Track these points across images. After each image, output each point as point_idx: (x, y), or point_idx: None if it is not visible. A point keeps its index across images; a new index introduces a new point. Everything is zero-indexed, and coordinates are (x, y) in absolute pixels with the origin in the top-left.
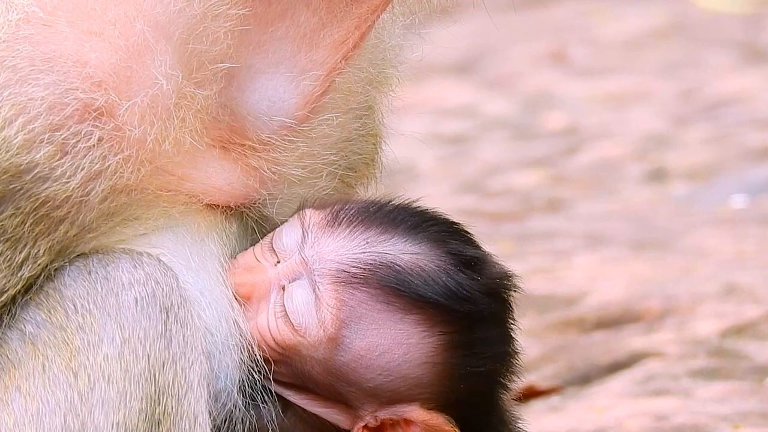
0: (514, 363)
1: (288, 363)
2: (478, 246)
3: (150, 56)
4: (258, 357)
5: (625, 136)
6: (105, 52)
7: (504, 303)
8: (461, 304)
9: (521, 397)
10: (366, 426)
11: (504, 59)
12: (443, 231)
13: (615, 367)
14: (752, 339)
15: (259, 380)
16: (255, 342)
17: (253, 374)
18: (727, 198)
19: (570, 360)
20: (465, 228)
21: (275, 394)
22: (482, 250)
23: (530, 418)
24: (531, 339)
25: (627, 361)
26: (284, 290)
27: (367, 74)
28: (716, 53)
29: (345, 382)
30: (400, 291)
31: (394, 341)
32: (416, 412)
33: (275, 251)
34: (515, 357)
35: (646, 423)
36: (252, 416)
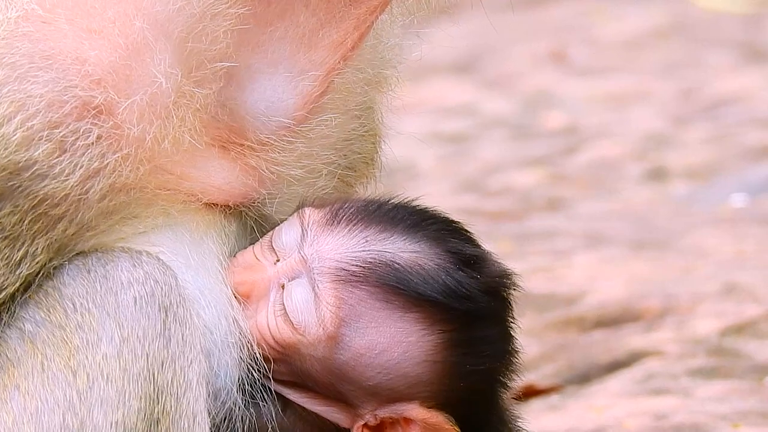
0: (514, 362)
1: (287, 361)
2: (478, 244)
3: (149, 54)
4: (257, 355)
5: (625, 136)
6: (104, 50)
7: (503, 301)
8: (461, 303)
9: (521, 396)
10: (366, 424)
11: (504, 59)
12: (443, 229)
13: (614, 366)
14: (752, 338)
15: (259, 379)
16: (254, 340)
17: (253, 373)
18: (727, 198)
19: (570, 359)
20: (464, 227)
21: (275, 393)
22: (482, 249)
23: (530, 417)
24: (530, 338)
25: (627, 361)
26: (284, 289)
27: (366, 74)
28: (716, 53)
29: (344, 381)
30: (400, 289)
31: (394, 339)
32: (416, 411)
33: (275, 250)
34: (515, 355)
35: (646, 422)
36: (251, 415)
